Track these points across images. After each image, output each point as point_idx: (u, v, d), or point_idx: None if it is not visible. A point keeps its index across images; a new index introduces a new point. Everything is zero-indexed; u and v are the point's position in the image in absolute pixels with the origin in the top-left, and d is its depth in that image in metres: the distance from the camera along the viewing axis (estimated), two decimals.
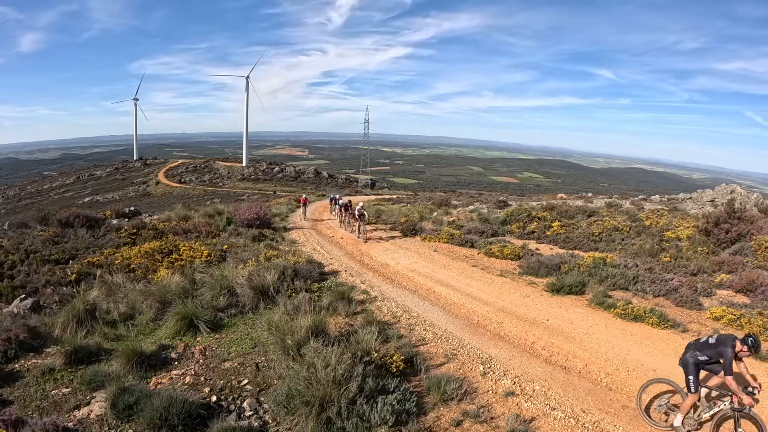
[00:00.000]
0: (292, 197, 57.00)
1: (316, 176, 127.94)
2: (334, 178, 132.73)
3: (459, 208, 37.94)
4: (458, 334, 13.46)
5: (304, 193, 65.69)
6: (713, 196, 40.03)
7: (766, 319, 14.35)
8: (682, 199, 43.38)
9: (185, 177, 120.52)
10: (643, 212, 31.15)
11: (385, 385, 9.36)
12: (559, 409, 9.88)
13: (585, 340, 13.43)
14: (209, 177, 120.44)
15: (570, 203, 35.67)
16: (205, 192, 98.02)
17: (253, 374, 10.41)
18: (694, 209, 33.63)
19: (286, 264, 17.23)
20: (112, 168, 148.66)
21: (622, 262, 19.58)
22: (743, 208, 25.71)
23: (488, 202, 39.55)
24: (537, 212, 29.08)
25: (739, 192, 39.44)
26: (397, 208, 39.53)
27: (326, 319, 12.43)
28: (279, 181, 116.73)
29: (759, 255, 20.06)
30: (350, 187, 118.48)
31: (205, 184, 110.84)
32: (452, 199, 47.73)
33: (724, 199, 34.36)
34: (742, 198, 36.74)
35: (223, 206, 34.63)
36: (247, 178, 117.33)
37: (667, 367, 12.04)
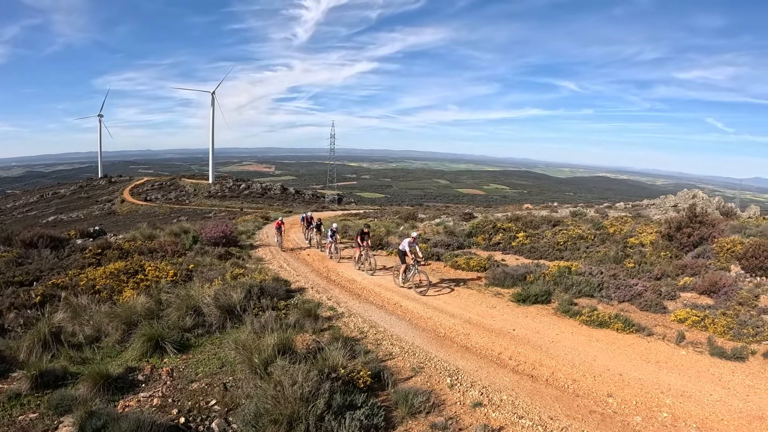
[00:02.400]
0: (258, 214, 56.65)
1: (283, 192, 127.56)
2: (300, 194, 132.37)
3: (425, 221, 37.99)
4: (425, 347, 13.51)
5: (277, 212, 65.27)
6: (676, 201, 40.68)
7: (729, 319, 14.73)
8: (646, 206, 44.01)
9: (151, 195, 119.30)
10: (607, 220, 31.53)
11: (352, 401, 9.38)
12: (526, 418, 9.98)
13: (551, 349, 13.60)
14: (175, 194, 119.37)
15: (535, 213, 35.96)
16: (171, 210, 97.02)
17: (221, 394, 10.35)
18: (658, 215, 34.11)
19: (253, 282, 17.18)
20: (77, 186, 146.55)
21: (587, 269, 19.83)
22: (705, 212, 26.10)
23: (454, 215, 39.69)
24: (502, 223, 29.29)
25: (701, 196, 40.16)
26: (363, 223, 39.48)
27: (293, 336, 12.43)
28: (246, 198, 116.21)
29: (721, 257, 20.41)
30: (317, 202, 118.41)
31: (171, 202, 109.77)
32: (419, 213, 47.77)
33: (686, 204, 34.90)
34: (704, 202, 37.40)
35: (189, 224, 34.42)
36: (213, 195, 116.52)
37: (633, 371, 12.37)
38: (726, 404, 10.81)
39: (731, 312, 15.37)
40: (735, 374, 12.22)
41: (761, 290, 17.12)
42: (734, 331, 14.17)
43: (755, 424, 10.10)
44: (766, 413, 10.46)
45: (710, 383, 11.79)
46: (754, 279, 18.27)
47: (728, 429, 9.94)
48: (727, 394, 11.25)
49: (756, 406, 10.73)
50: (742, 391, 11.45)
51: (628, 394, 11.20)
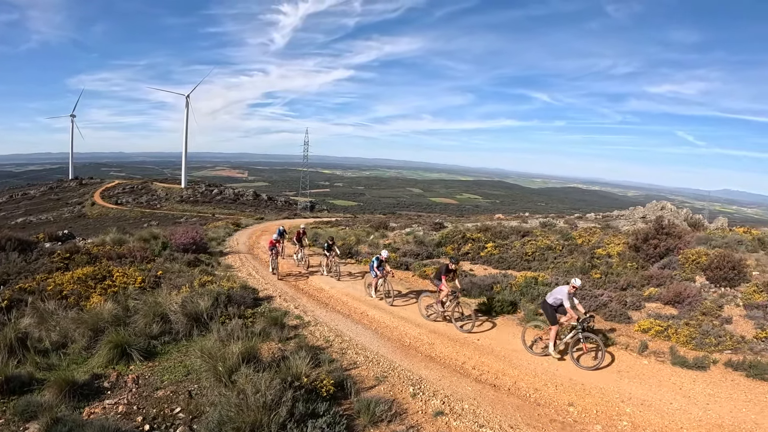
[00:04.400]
0: (230, 220, 56.06)
1: (256, 198, 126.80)
2: (273, 201, 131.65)
3: (396, 230, 38.01)
4: (389, 356, 13.61)
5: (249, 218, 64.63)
6: (644, 212, 41.09)
7: (692, 329, 14.99)
8: (616, 217, 44.39)
9: (122, 198, 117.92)
10: (576, 231, 31.76)
11: (315, 409, 9.45)
12: (487, 426, 10.13)
13: (515, 358, 13.76)
14: (147, 198, 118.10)
15: (505, 224, 36.13)
16: (142, 214, 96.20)
17: (185, 402, 10.35)
18: (626, 226, 34.44)
19: (220, 290, 17.16)
20: (47, 187, 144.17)
21: (554, 280, 19.99)
22: (671, 224, 26.42)
23: (425, 224, 39.76)
24: (472, 233, 29.38)
25: (670, 208, 40.60)
26: (335, 231, 39.34)
27: (258, 345, 12.50)
28: (218, 204, 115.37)
29: (686, 268, 20.67)
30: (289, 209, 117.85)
31: (142, 206, 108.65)
32: (391, 222, 47.80)
33: (654, 216, 35.23)
34: (672, 214, 37.83)
35: (159, 230, 34.07)
36: (185, 200, 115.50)
37: (594, 380, 12.58)
38: (686, 413, 11.04)
39: (694, 322, 15.65)
40: (696, 383, 12.48)
41: (725, 300, 17.43)
42: (697, 341, 14.41)
43: None
44: (726, 421, 10.71)
45: (671, 392, 12.01)
46: (718, 289, 18.55)
47: None
48: (687, 403, 11.47)
49: (716, 414, 10.97)
50: (702, 399, 11.69)
51: (589, 403, 11.40)
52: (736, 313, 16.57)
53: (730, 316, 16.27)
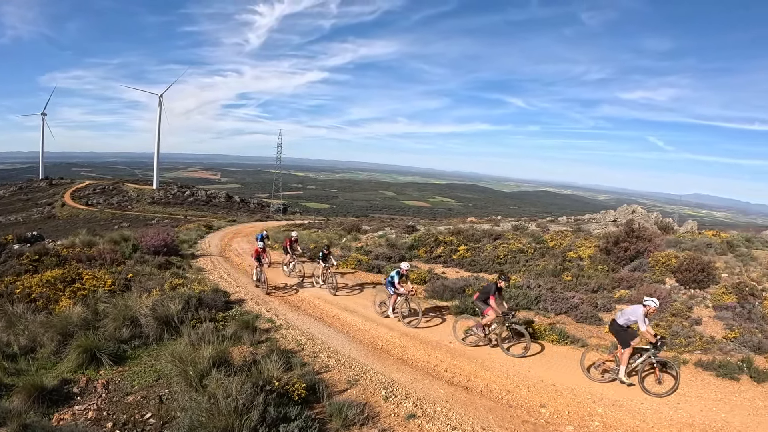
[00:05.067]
0: (202, 222, 55.59)
1: (228, 200, 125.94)
2: (246, 203, 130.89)
3: (369, 233, 37.92)
4: (362, 359, 13.58)
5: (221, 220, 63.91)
6: (615, 216, 41.40)
7: (662, 330, 15.32)
8: (587, 220, 44.67)
9: (93, 199, 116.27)
10: (548, 234, 31.90)
11: (286, 414, 9.40)
12: (460, 429, 10.16)
13: (487, 361, 13.82)
14: (118, 200, 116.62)
15: (477, 227, 36.25)
16: (113, 215, 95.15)
17: (156, 407, 10.22)
18: (598, 229, 34.66)
19: (191, 293, 16.96)
20: (16, 187, 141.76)
21: (525, 282, 20.14)
22: (642, 227, 26.68)
23: (398, 227, 39.69)
24: (444, 236, 29.44)
25: (640, 211, 40.94)
26: (307, 234, 39.15)
27: (230, 348, 12.43)
28: (190, 206, 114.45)
29: (656, 270, 20.93)
30: (262, 212, 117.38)
31: (113, 207, 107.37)
32: (363, 225, 47.67)
33: (625, 219, 35.55)
34: (643, 217, 38.14)
35: (130, 232, 33.65)
36: (157, 202, 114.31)
37: (566, 381, 12.65)
38: (657, 412, 11.21)
39: (665, 323, 15.98)
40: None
41: (695, 302, 17.75)
42: (667, 342, 14.56)
43: (684, 430, 10.50)
44: (696, 420, 10.89)
45: (642, 393, 12.14)
46: (687, 291, 18.83)
47: None
48: (658, 403, 11.64)
49: (686, 414, 11.17)
50: (673, 399, 11.85)
51: (561, 404, 11.49)
52: (705, 314, 16.87)
53: (700, 317, 16.58)
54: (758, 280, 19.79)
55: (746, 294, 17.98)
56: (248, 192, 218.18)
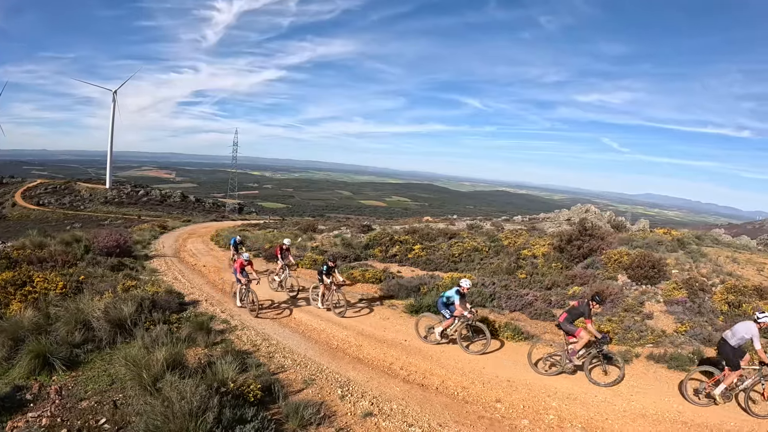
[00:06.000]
0: (156, 223, 54.85)
1: (183, 200, 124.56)
2: (201, 203, 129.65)
3: (324, 232, 37.86)
4: (317, 359, 13.57)
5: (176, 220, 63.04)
6: (569, 215, 41.97)
7: (615, 324, 15.76)
8: (542, 219, 45.24)
9: (44, 199, 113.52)
10: (503, 233, 32.22)
11: (242, 415, 9.34)
12: (416, 426, 10.23)
13: (442, 358, 13.95)
14: (70, 199, 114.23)
15: (433, 226, 36.47)
16: (65, 216, 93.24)
17: (111, 412, 10.08)
18: (552, 228, 35.12)
19: (145, 295, 16.68)
20: None
21: (480, 280, 20.29)
22: (594, 226, 27.12)
23: (354, 227, 39.73)
24: (399, 236, 29.56)
25: (594, 211, 41.59)
26: (263, 234, 38.97)
27: (184, 351, 12.26)
28: (144, 205, 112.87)
29: (609, 267, 21.29)
30: (217, 211, 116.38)
31: (65, 208, 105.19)
32: (319, 224, 47.66)
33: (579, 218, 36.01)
34: (596, 216, 38.76)
35: (82, 233, 33.08)
36: (110, 202, 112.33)
37: (521, 376, 12.88)
38: (610, 404, 11.51)
39: (617, 318, 16.30)
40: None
41: (646, 297, 18.15)
42: (619, 336, 14.99)
43: (638, 421, 10.83)
44: (649, 411, 11.24)
45: (595, 386, 12.41)
46: (639, 287, 19.20)
47: (612, 428, 10.58)
48: (611, 395, 11.95)
49: (639, 405, 11.50)
50: (626, 391, 12.21)
51: (516, 398, 11.67)
52: (656, 309, 17.25)
53: (651, 312, 16.96)
54: (708, 276, 20.30)
55: (696, 289, 18.40)
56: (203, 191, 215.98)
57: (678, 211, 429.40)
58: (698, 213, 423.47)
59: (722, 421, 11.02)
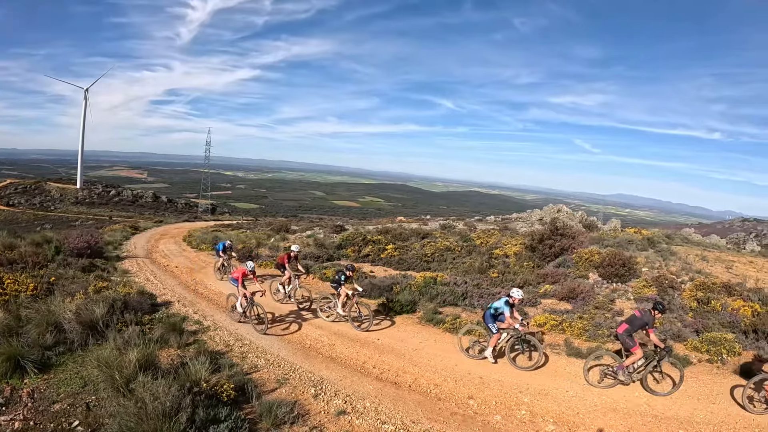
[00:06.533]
0: (128, 224, 54.29)
1: (155, 201, 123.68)
2: (173, 203, 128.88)
3: (297, 233, 37.80)
4: (290, 359, 13.58)
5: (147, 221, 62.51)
6: (542, 215, 42.23)
7: (585, 321, 15.92)
8: (514, 219, 45.44)
9: (14, 199, 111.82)
10: (475, 232, 32.39)
11: (216, 415, 9.36)
12: (389, 423, 10.32)
13: (415, 356, 14.06)
14: (40, 200, 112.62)
15: (406, 226, 36.55)
16: (35, 216, 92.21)
17: (84, 415, 10.01)
18: (524, 227, 35.34)
19: (116, 296, 16.49)
20: None
21: (452, 279, 20.46)
22: (566, 225, 27.40)
23: (327, 227, 39.69)
24: (372, 236, 29.63)
25: (566, 210, 41.90)
26: (235, 234, 38.80)
27: (156, 351, 12.22)
28: (115, 206, 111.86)
29: (580, 266, 21.56)
30: (190, 212, 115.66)
31: (35, 208, 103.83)
32: (292, 225, 47.52)
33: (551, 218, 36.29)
34: (568, 216, 39.07)
35: (53, 234, 32.73)
36: (81, 202, 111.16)
37: (493, 374, 13.06)
38: (582, 399, 11.73)
39: (588, 315, 16.53)
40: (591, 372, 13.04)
41: (617, 295, 18.43)
42: (590, 333, 15.18)
43: (609, 415, 11.03)
44: (620, 405, 11.48)
45: (567, 381, 12.67)
46: (610, 285, 19.47)
47: (584, 422, 10.77)
48: (583, 390, 12.18)
49: (610, 399, 11.75)
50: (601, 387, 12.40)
51: (489, 395, 11.83)
52: (627, 306, 17.54)
53: (622, 309, 17.25)
54: (677, 274, 20.62)
55: (666, 286, 18.73)
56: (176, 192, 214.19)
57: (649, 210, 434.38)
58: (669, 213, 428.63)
59: (692, 413, 11.27)
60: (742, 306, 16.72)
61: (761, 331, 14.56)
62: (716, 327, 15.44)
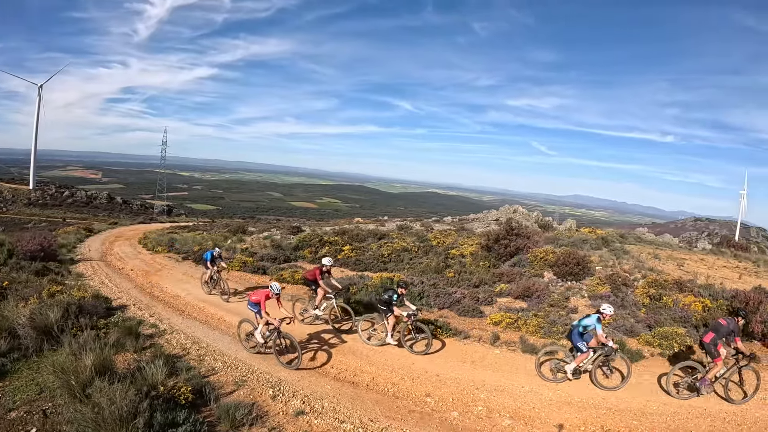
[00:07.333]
0: (82, 225, 53.42)
1: (110, 202, 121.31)
2: (128, 204, 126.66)
3: (254, 234, 37.58)
4: (248, 361, 13.53)
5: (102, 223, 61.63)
6: (498, 215, 42.50)
7: (540, 319, 16.30)
8: (471, 219, 45.67)
9: None
10: (432, 233, 32.54)
11: (174, 418, 9.37)
12: (348, 422, 10.42)
13: (372, 356, 14.17)
14: None
15: (363, 227, 36.60)
16: None
17: (41, 422, 9.89)
18: (480, 228, 35.57)
19: (71, 300, 16.33)
20: None
21: (409, 279, 20.55)
22: (521, 225, 27.72)
23: (284, 228, 39.51)
24: (329, 237, 29.59)
25: (522, 211, 42.27)
26: (192, 236, 38.47)
27: (112, 356, 12.12)
28: (69, 207, 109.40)
29: (535, 265, 21.88)
30: (145, 213, 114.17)
31: None
32: (249, 226, 47.20)
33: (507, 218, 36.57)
34: (524, 216, 39.42)
35: (4, 236, 32.14)
36: (34, 203, 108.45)
37: (450, 371, 13.25)
38: (537, 394, 11.99)
39: (542, 313, 16.87)
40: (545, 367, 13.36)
41: (571, 293, 18.82)
42: (545, 330, 15.51)
43: (564, 409, 11.32)
44: (574, 399, 11.79)
45: (523, 377, 12.94)
46: (565, 283, 19.82)
47: (539, 416, 11.02)
48: (538, 386, 12.47)
49: (565, 394, 12.04)
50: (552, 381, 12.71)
51: (446, 392, 12.00)
52: (581, 303, 17.90)
53: (576, 306, 17.59)
54: (630, 271, 21.03)
55: (619, 284, 19.11)
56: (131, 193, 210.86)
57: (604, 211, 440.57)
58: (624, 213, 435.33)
59: (645, 405, 11.60)
60: (693, 301, 17.22)
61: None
62: (668, 322, 15.91)
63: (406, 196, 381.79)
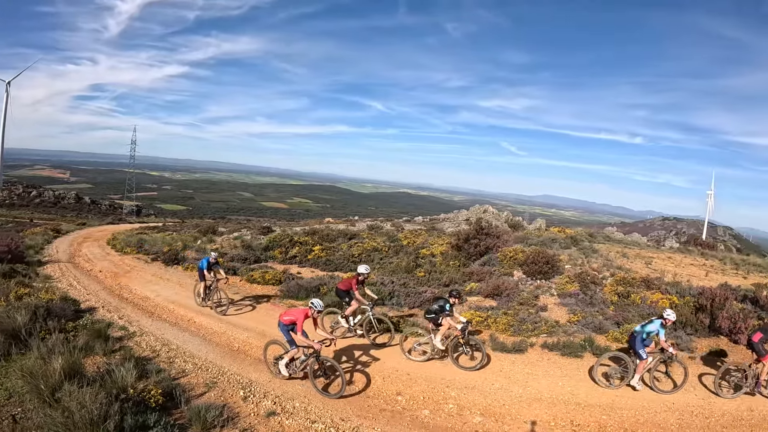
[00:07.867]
0: (49, 226, 52.68)
1: (78, 202, 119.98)
2: (97, 204, 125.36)
3: (225, 235, 37.43)
4: (219, 362, 13.53)
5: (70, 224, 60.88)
6: (468, 215, 42.67)
7: (510, 317, 16.48)
8: (442, 219, 45.82)
9: None
10: (403, 233, 32.63)
11: (145, 421, 9.32)
12: (319, 422, 10.46)
13: (342, 354, 14.22)
14: None
15: (333, 227, 36.58)
16: None
17: (10, 427, 9.75)
18: (451, 228, 35.71)
19: (39, 303, 16.13)
20: None
21: (379, 279, 20.71)
22: (490, 225, 27.90)
23: (254, 229, 39.36)
24: (299, 237, 29.54)
25: (492, 211, 42.51)
26: (161, 237, 38.15)
27: (82, 359, 12.00)
28: (36, 207, 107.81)
29: (505, 264, 22.05)
30: (114, 214, 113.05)
31: None
32: (219, 227, 46.94)
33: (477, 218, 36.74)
34: (494, 216, 39.68)
35: None
36: (1, 204, 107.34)
37: (420, 370, 13.39)
38: (507, 391, 12.18)
39: (512, 311, 17.05)
40: (515, 365, 13.70)
41: (541, 291, 19.06)
42: (515, 328, 15.71)
43: (534, 405, 11.52)
44: (544, 395, 11.99)
45: (493, 374, 13.13)
46: (534, 282, 20.03)
47: (510, 412, 11.20)
48: (508, 383, 12.64)
49: (535, 390, 12.23)
50: (522, 378, 12.94)
51: (416, 391, 12.13)
52: (551, 301, 18.15)
53: (546, 304, 17.83)
54: (599, 270, 21.28)
55: (588, 282, 19.35)
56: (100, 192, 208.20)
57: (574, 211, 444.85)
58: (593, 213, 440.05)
59: (613, 400, 11.83)
60: (661, 299, 17.55)
61: (678, 322, 15.29)
62: (636, 319, 16.09)
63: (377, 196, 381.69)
